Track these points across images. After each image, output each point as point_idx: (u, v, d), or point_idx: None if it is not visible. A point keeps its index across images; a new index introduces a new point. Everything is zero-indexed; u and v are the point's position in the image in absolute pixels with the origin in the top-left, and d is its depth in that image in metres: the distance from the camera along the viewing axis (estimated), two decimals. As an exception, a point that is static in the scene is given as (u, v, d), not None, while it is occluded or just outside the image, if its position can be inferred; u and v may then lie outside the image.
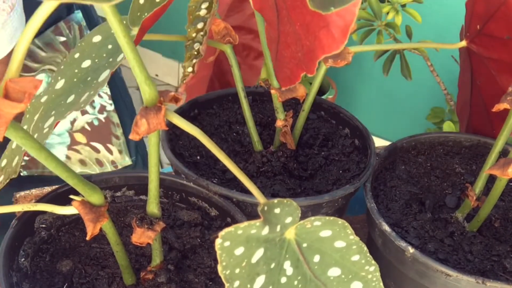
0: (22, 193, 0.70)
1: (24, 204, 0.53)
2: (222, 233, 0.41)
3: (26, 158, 1.10)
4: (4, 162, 0.49)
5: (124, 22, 0.45)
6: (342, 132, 0.77)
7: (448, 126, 1.21)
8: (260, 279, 0.42)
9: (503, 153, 0.66)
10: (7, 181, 0.50)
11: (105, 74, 0.47)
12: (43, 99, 0.48)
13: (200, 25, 0.63)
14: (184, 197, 0.66)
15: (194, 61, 0.65)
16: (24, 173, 1.12)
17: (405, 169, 0.74)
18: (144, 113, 0.44)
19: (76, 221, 0.62)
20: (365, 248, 0.44)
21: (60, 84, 0.48)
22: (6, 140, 0.42)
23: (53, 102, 0.48)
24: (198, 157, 0.71)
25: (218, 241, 0.41)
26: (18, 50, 0.37)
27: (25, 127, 0.50)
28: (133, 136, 0.45)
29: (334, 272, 0.44)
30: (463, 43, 0.71)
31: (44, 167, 1.04)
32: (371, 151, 0.71)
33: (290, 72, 0.56)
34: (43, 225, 0.60)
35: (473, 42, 0.70)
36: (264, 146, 0.73)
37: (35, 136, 0.49)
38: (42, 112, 0.48)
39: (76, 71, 0.49)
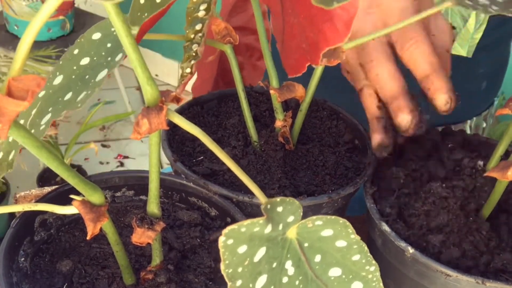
0: (22, 193, 0.70)
1: (24, 204, 0.53)
2: (225, 231, 0.40)
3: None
4: (0, 155, 0.49)
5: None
6: (341, 132, 0.77)
7: (446, 127, 1.21)
8: (262, 279, 0.42)
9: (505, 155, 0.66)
10: (3, 175, 0.49)
11: (103, 74, 0.47)
12: (41, 94, 0.48)
13: (198, 27, 0.63)
14: (184, 197, 0.66)
15: (192, 62, 0.65)
16: None
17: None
18: (145, 113, 0.44)
19: (76, 221, 0.62)
20: (366, 248, 0.44)
21: (58, 79, 0.48)
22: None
23: (51, 98, 0.47)
24: (199, 157, 0.71)
25: (221, 239, 0.40)
26: (21, 48, 0.37)
27: (21, 121, 0.50)
28: (134, 136, 0.45)
29: (335, 272, 0.44)
30: None
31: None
32: (371, 151, 0.71)
33: (295, 62, 0.56)
34: (43, 225, 0.60)
35: None
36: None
37: (32, 131, 0.48)
38: (39, 108, 0.47)
39: (74, 67, 0.48)
